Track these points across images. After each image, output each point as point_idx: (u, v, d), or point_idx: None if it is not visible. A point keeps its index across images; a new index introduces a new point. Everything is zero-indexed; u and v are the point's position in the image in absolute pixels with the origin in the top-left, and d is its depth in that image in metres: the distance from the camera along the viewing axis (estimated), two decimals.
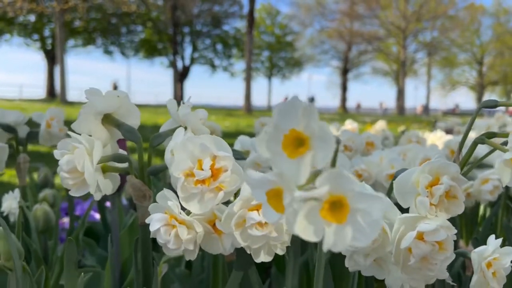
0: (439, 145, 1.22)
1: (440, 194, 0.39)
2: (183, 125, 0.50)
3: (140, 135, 0.48)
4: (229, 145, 0.42)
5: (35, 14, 16.77)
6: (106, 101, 0.47)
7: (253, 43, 16.33)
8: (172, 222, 0.41)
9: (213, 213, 0.43)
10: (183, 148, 0.40)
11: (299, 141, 0.26)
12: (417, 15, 23.51)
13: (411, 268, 0.39)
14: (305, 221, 0.25)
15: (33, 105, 10.71)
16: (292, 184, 0.25)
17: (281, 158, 0.26)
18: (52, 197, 1.10)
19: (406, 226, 0.39)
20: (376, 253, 0.39)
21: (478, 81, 27.25)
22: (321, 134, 0.25)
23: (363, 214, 0.24)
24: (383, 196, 0.24)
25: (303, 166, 0.25)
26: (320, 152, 0.25)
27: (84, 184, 0.44)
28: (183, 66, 21.77)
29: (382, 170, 0.79)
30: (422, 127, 4.89)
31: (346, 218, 0.24)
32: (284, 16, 26.14)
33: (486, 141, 0.46)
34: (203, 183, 0.40)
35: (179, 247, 0.41)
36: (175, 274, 0.85)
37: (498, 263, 0.42)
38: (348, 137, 0.91)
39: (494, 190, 0.83)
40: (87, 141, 0.44)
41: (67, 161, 0.43)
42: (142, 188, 0.47)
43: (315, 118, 0.25)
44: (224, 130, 4.86)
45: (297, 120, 0.26)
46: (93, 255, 0.98)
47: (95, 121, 0.47)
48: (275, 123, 0.26)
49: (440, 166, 0.39)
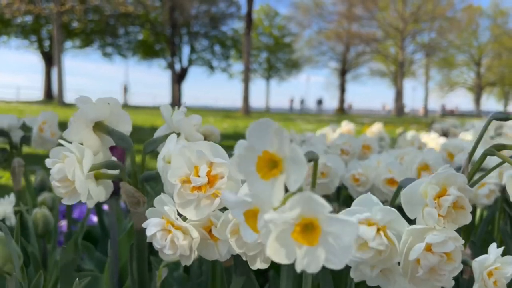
0: (434, 147, 1.22)
1: (448, 205, 0.39)
2: (177, 131, 0.50)
3: (132, 142, 0.48)
4: (227, 147, 0.42)
5: (32, 15, 16.75)
6: (97, 108, 0.47)
7: (251, 44, 16.35)
8: (169, 227, 0.41)
9: (209, 220, 0.43)
10: (180, 154, 0.40)
11: (272, 163, 0.26)
12: (415, 16, 23.57)
13: (419, 279, 0.39)
14: (276, 243, 0.25)
15: (30, 107, 10.70)
16: (267, 206, 0.25)
17: (255, 180, 0.26)
18: (51, 201, 1.10)
19: (414, 237, 0.39)
20: (383, 264, 0.39)
21: (476, 82, 27.32)
22: (293, 156, 0.25)
23: (334, 237, 0.24)
24: (355, 221, 0.24)
25: (276, 188, 0.25)
26: (293, 174, 0.25)
27: (76, 193, 0.44)
28: (181, 67, 21.77)
29: (379, 174, 0.79)
30: (420, 129, 4.89)
31: (318, 240, 0.24)
32: (283, 17, 26.18)
33: (496, 153, 0.46)
34: (200, 189, 0.40)
35: (174, 252, 0.41)
36: (174, 278, 0.85)
37: (500, 272, 0.42)
38: (345, 140, 0.91)
39: (490, 194, 0.83)
40: (78, 149, 0.44)
41: (58, 170, 0.43)
42: (136, 195, 0.47)
43: (287, 140, 0.25)
44: (222, 132, 4.86)
45: (270, 142, 0.26)
46: (91, 259, 0.98)
47: (87, 129, 0.47)
48: (248, 144, 0.26)
49: (447, 177, 0.39)
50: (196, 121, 0.50)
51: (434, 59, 26.50)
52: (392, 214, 0.39)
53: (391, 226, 0.39)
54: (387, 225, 0.39)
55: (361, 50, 26.02)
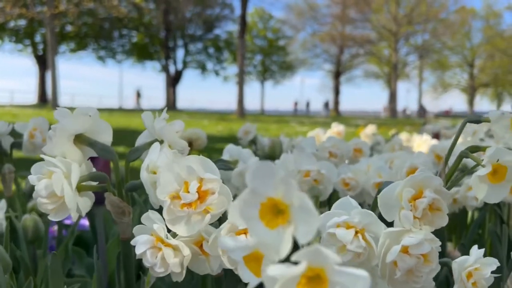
0: (425, 149, 1.23)
1: (424, 207, 0.39)
2: (159, 138, 0.48)
3: (114, 152, 0.47)
4: (221, 150, 0.42)
5: (25, 19, 16.68)
6: (77, 122, 0.45)
7: (246, 47, 16.35)
8: (158, 245, 0.41)
9: (200, 235, 0.42)
10: (169, 170, 0.39)
11: (278, 210, 0.24)
12: (409, 18, 23.67)
13: (397, 281, 0.39)
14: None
15: (25, 111, 10.63)
16: (273, 255, 0.24)
17: (258, 227, 0.24)
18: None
19: (391, 240, 0.39)
20: (362, 267, 0.40)
21: (470, 84, 27.44)
22: (301, 204, 0.23)
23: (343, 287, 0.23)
24: (366, 275, 0.22)
25: (285, 238, 0.24)
26: (302, 226, 0.23)
27: (64, 208, 0.42)
28: (175, 70, 21.75)
29: (369, 178, 0.79)
30: (413, 130, 4.91)
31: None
32: (277, 20, 26.21)
33: (469, 155, 0.47)
34: (190, 206, 0.39)
35: (166, 270, 0.40)
36: (164, 282, 0.85)
37: (479, 273, 0.42)
38: (333, 143, 0.91)
39: None
40: (63, 164, 0.43)
41: (45, 186, 0.42)
42: (121, 205, 0.46)
43: (294, 185, 0.23)
44: (217, 134, 4.83)
45: (275, 187, 0.24)
46: (82, 264, 0.98)
47: (68, 142, 0.45)
48: (251, 188, 0.24)
49: (423, 179, 0.40)
50: (178, 127, 0.49)
51: (427, 60, 26.60)
52: (370, 217, 0.39)
53: (369, 229, 0.39)
54: (365, 228, 0.39)
55: (355, 52, 26.10)
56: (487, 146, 0.46)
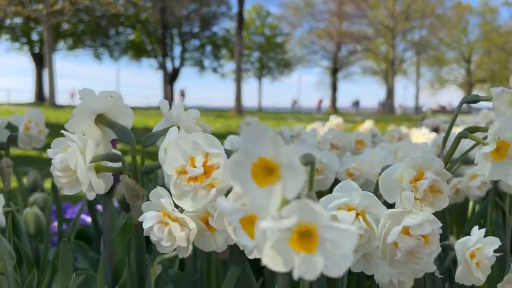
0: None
1: (424, 188, 0.39)
2: (176, 125, 0.51)
3: (133, 135, 0.48)
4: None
5: (21, 17, 16.61)
6: (99, 101, 0.47)
7: (243, 44, 16.33)
8: (165, 219, 0.42)
9: (206, 210, 0.43)
10: (176, 145, 0.40)
11: (268, 169, 0.25)
12: (405, 14, 23.67)
13: (398, 262, 0.39)
14: (273, 251, 0.24)
15: (22, 109, 10.60)
16: (264, 213, 0.25)
17: (251, 187, 0.25)
18: (42, 201, 1.10)
19: (392, 221, 0.39)
20: (363, 249, 0.40)
21: (467, 79, 27.49)
22: (290, 163, 0.24)
23: (333, 244, 0.24)
24: (355, 229, 0.24)
25: (273, 196, 0.25)
26: (290, 182, 0.24)
27: (77, 183, 0.44)
28: (172, 67, 21.70)
29: (373, 168, 0.79)
30: (411, 126, 4.93)
31: (315, 248, 0.24)
32: (274, 17, 26.17)
33: (469, 135, 0.47)
34: (196, 180, 0.40)
35: (172, 244, 0.41)
36: (168, 275, 0.85)
37: (481, 253, 0.43)
38: (335, 135, 0.91)
39: (482, 185, 0.84)
40: (80, 139, 0.45)
41: (60, 160, 0.44)
42: (136, 188, 0.47)
43: (283, 145, 0.24)
44: (215, 131, 4.86)
45: (266, 147, 0.25)
46: (86, 258, 0.98)
47: (89, 121, 0.47)
48: (243, 149, 0.25)
49: (423, 161, 0.40)
50: (195, 115, 0.51)
51: (424, 56, 26.62)
52: (371, 199, 0.40)
53: (369, 211, 0.40)
54: (365, 209, 0.40)
55: (352, 48, 26.08)
56: (486, 127, 0.46)
